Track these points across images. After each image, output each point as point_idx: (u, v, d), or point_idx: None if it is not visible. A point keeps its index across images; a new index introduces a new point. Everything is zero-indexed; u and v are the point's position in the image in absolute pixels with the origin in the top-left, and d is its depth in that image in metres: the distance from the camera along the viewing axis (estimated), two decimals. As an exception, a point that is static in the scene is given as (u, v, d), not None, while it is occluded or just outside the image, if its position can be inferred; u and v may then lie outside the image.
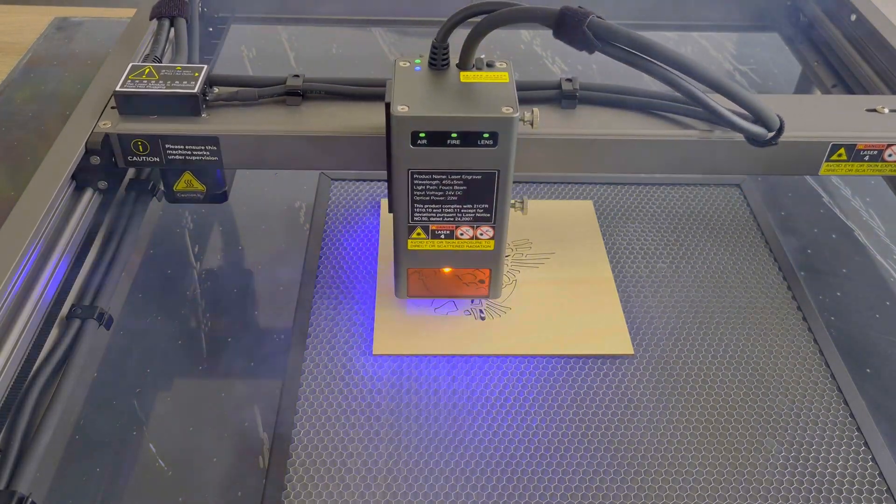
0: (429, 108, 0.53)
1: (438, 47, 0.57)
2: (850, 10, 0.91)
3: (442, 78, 0.57)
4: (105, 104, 0.66)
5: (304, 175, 0.86)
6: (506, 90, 0.55)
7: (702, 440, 0.58)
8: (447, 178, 0.56)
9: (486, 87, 0.56)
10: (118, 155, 0.64)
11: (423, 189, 0.57)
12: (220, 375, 0.66)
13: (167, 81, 0.64)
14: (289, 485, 0.54)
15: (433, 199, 0.57)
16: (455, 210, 0.58)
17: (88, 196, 0.64)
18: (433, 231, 0.59)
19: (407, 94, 0.55)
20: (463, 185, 0.57)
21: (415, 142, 0.54)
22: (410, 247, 0.60)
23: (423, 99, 0.54)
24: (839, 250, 0.80)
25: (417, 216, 0.59)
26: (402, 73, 0.57)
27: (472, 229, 0.59)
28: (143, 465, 0.59)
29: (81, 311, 0.59)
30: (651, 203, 0.79)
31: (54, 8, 1.23)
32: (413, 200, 0.57)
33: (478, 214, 0.58)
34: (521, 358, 0.63)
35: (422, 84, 0.56)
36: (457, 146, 0.54)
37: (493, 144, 0.54)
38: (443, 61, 0.57)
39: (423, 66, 0.58)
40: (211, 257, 0.77)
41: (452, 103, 0.54)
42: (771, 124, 0.62)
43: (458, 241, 0.60)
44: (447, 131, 0.54)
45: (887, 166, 0.66)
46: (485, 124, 0.53)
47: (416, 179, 0.56)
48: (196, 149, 0.64)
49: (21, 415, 0.51)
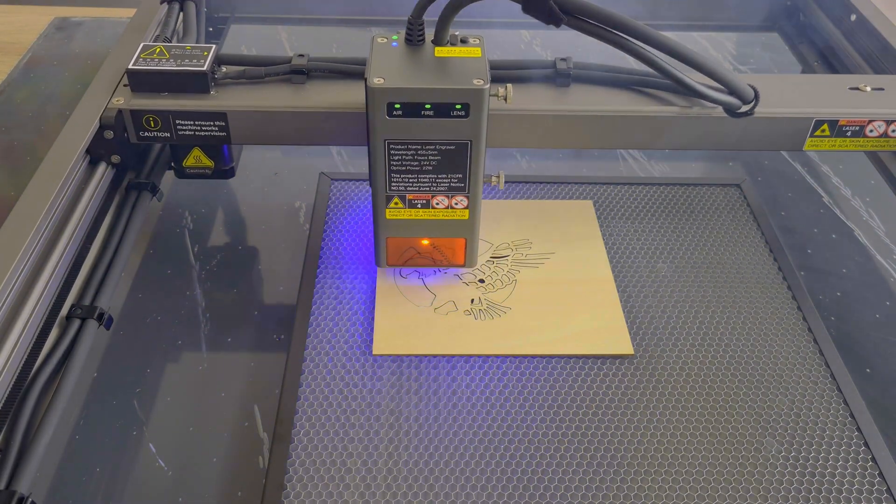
0: (403, 80, 0.56)
1: (414, 23, 0.59)
2: (851, 11, 0.91)
3: (417, 53, 0.59)
4: (118, 81, 0.70)
5: (304, 175, 0.86)
6: (478, 64, 0.58)
7: (702, 440, 0.58)
8: (422, 148, 0.59)
9: (460, 62, 0.58)
10: (130, 130, 0.67)
11: (400, 159, 0.59)
12: (221, 375, 0.66)
13: (177, 60, 0.67)
14: (289, 485, 0.54)
15: (409, 169, 0.60)
16: (430, 180, 0.61)
17: (102, 169, 0.67)
18: (410, 200, 0.62)
19: (383, 67, 0.57)
20: (437, 155, 0.59)
21: (390, 112, 0.57)
22: (388, 216, 0.63)
23: (399, 72, 0.57)
24: (839, 250, 0.80)
25: (395, 186, 0.61)
26: (380, 48, 0.60)
27: (448, 199, 0.62)
28: (143, 465, 0.59)
29: (81, 310, 0.59)
30: (651, 203, 0.79)
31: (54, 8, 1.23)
32: (390, 170, 0.60)
33: (452, 184, 0.61)
34: (521, 358, 0.63)
35: (398, 58, 0.59)
36: (430, 117, 0.57)
37: (465, 115, 0.57)
38: (419, 37, 0.60)
39: (400, 41, 0.60)
40: (211, 257, 0.77)
41: (426, 76, 0.57)
42: (744, 95, 0.65)
43: (434, 210, 0.62)
44: (421, 102, 0.56)
45: (869, 142, 0.69)
46: (456, 95, 0.56)
47: (392, 150, 0.59)
48: (205, 124, 0.67)
49: (21, 415, 0.51)
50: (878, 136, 0.68)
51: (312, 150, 0.91)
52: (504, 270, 0.70)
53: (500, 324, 0.65)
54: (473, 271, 0.70)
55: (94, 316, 0.59)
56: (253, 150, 0.89)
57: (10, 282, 0.54)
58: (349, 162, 0.89)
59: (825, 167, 0.91)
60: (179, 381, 0.65)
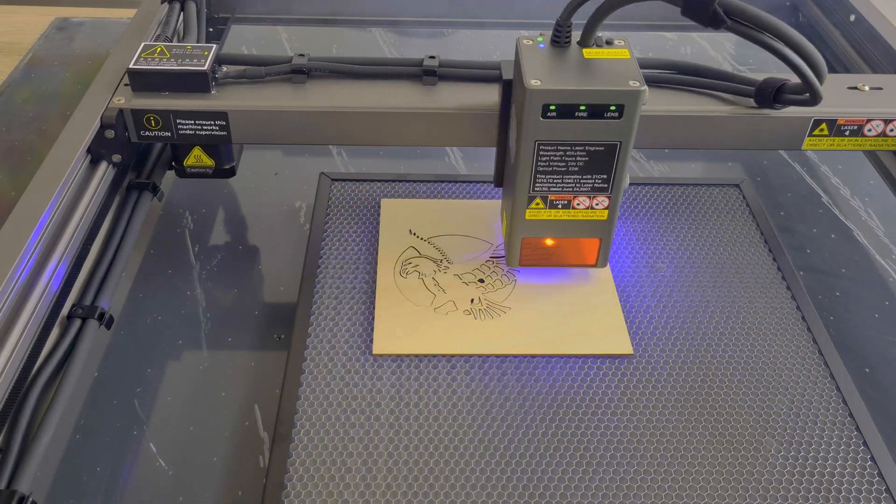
0: (560, 82, 0.56)
1: (563, 25, 0.59)
2: (850, 11, 0.91)
3: (566, 54, 0.59)
4: (119, 81, 0.70)
5: (304, 175, 0.87)
6: (629, 65, 0.58)
7: (701, 440, 0.58)
8: (571, 149, 0.59)
9: (610, 63, 0.58)
10: (131, 129, 0.67)
11: (548, 160, 0.59)
12: (221, 375, 0.66)
13: (178, 59, 0.67)
14: (289, 485, 0.54)
15: (555, 170, 0.60)
16: (575, 180, 0.61)
17: (103, 169, 0.67)
18: (552, 201, 0.62)
19: (536, 68, 0.57)
20: (585, 156, 0.59)
21: (545, 114, 0.57)
22: (528, 216, 0.63)
23: (552, 73, 0.57)
24: (839, 250, 0.80)
25: (539, 186, 0.61)
26: (528, 50, 0.59)
27: (589, 199, 0.62)
28: (143, 465, 0.59)
29: (82, 310, 0.59)
30: (651, 203, 0.79)
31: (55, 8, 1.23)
32: (536, 171, 0.60)
33: (596, 185, 0.61)
34: (521, 358, 0.63)
35: (549, 60, 0.58)
36: (584, 118, 0.57)
37: (618, 117, 0.57)
38: (566, 39, 0.60)
39: (547, 43, 0.60)
40: (211, 257, 0.77)
41: (581, 77, 0.57)
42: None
43: (574, 210, 0.62)
44: (577, 104, 0.56)
45: (867, 141, 0.69)
46: (613, 97, 0.56)
47: (542, 151, 0.59)
48: (206, 124, 0.67)
49: (21, 414, 0.51)
50: (877, 135, 0.69)
51: (312, 150, 0.91)
52: (504, 270, 0.70)
53: (500, 324, 0.65)
54: (473, 271, 0.70)
55: (94, 316, 0.59)
56: (253, 150, 0.90)
57: (11, 281, 0.54)
58: (349, 162, 0.90)
59: (824, 167, 0.91)
60: (180, 380, 0.65)
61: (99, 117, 0.66)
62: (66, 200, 0.62)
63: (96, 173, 0.66)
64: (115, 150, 0.67)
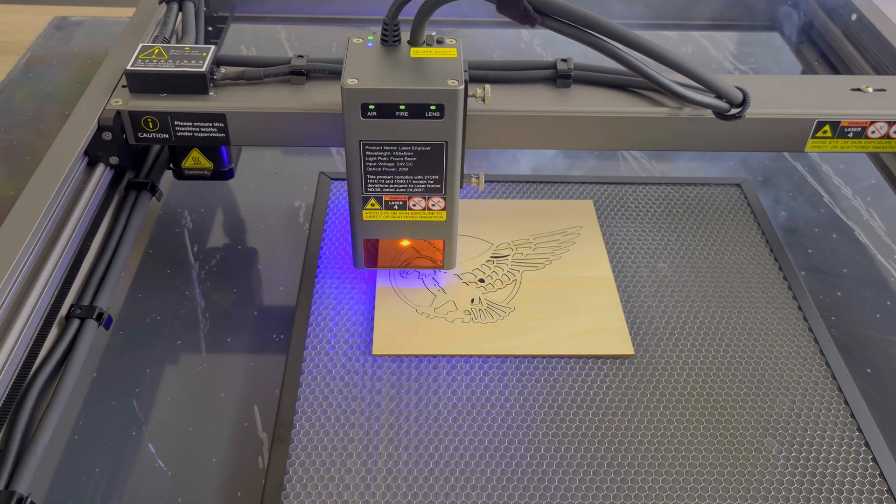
0: (377, 81, 0.56)
1: (389, 24, 0.59)
2: (851, 10, 0.91)
3: (393, 53, 0.59)
4: (116, 82, 0.69)
5: (304, 175, 0.86)
6: (453, 64, 0.58)
7: (702, 440, 0.58)
8: (398, 149, 0.58)
9: (435, 62, 0.58)
10: (129, 131, 0.67)
11: (375, 160, 0.59)
12: (220, 375, 0.65)
13: (176, 61, 0.67)
14: (288, 485, 0.54)
15: (385, 171, 0.60)
16: (407, 181, 0.60)
17: (101, 170, 0.67)
18: (386, 202, 0.61)
19: (357, 68, 0.57)
20: (413, 156, 0.59)
21: (365, 113, 0.56)
22: (365, 217, 0.62)
23: (373, 72, 0.56)
24: (839, 250, 0.80)
25: (371, 187, 0.61)
26: (355, 49, 0.59)
27: (424, 200, 0.61)
28: (143, 465, 0.59)
29: (81, 310, 0.59)
30: (651, 203, 0.79)
31: (53, 7, 1.23)
32: (366, 171, 0.60)
33: (429, 185, 0.61)
34: (521, 358, 0.63)
35: (373, 59, 0.58)
36: (405, 118, 0.56)
37: (439, 116, 0.56)
38: (394, 38, 0.59)
39: (376, 42, 0.60)
40: (210, 257, 0.77)
41: (401, 76, 0.56)
42: (732, 98, 0.64)
43: (411, 211, 0.62)
44: (395, 103, 0.56)
45: (871, 143, 0.69)
46: (431, 96, 0.55)
47: (367, 151, 0.58)
48: (204, 125, 0.67)
49: (21, 415, 0.51)
50: (881, 137, 0.68)
51: (312, 150, 0.91)
52: (504, 270, 0.70)
53: (500, 324, 0.65)
54: (473, 271, 0.70)
55: (93, 316, 0.59)
56: (252, 150, 0.89)
57: (10, 282, 0.54)
58: (349, 162, 0.89)
59: (826, 167, 0.91)
60: (179, 381, 0.65)
61: (96, 119, 0.65)
62: (63, 201, 0.62)
63: (94, 175, 0.66)
64: (113, 153, 0.67)
